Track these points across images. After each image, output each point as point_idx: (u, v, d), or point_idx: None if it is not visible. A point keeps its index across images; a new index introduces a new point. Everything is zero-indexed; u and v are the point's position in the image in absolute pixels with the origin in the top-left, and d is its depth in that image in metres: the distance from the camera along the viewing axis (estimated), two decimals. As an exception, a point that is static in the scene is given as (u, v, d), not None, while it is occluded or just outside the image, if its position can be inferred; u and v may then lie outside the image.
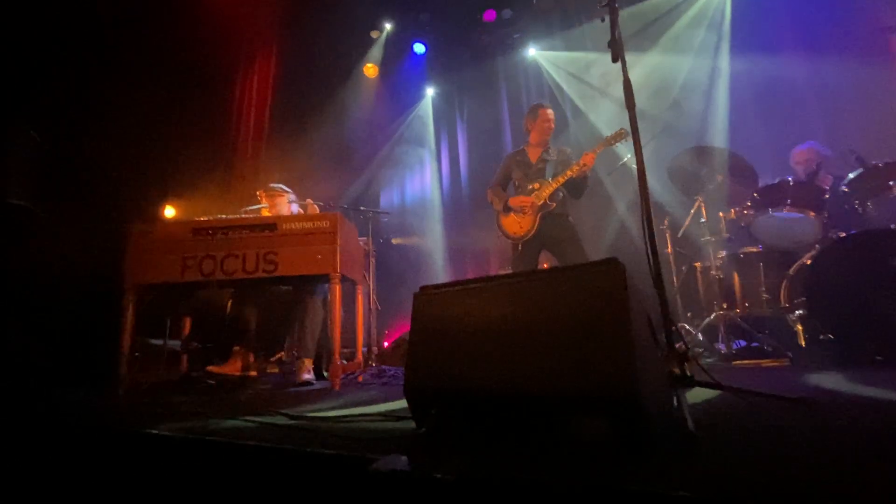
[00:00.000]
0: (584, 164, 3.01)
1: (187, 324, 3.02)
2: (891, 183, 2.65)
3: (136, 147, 3.96)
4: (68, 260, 3.07)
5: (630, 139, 3.01)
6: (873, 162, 2.76)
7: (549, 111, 3.36)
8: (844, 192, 2.85)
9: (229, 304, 3.01)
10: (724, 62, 4.80)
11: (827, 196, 2.90)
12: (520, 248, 3.16)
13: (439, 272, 6.11)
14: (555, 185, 3.09)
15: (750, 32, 4.67)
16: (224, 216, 2.81)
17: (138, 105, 4.00)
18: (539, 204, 3.10)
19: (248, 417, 1.49)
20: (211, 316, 3.15)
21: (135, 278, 2.53)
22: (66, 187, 3.49)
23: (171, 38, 4.35)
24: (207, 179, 4.63)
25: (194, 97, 4.72)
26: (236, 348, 2.81)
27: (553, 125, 3.35)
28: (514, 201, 3.20)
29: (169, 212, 4.50)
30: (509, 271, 3.27)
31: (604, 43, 1.60)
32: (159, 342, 3.18)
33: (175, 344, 3.08)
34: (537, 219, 3.10)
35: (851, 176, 2.81)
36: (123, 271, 2.54)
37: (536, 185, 3.16)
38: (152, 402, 2.06)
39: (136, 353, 2.61)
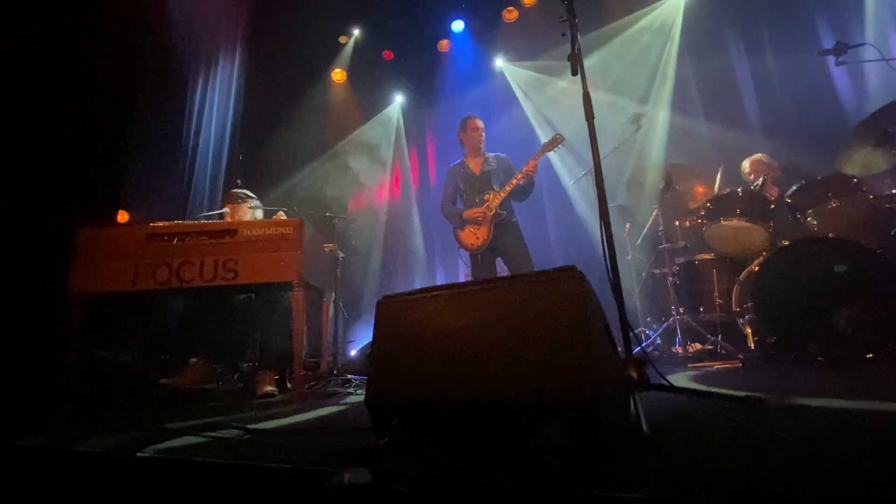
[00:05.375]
0: (528, 172, 3.21)
1: (139, 334, 2.88)
2: (829, 195, 2.85)
3: (88, 145, 3.74)
4: (9, 264, 2.87)
5: (565, 143, 3.28)
6: (813, 175, 2.97)
7: (478, 121, 3.51)
8: (788, 202, 3.04)
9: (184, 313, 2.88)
10: (670, 72, 5.06)
11: (773, 207, 3.08)
12: (479, 258, 3.29)
13: (408, 280, 6.09)
14: (503, 195, 3.26)
15: (699, 52, 4.94)
16: (181, 221, 2.70)
17: (94, 102, 3.79)
18: (491, 214, 3.25)
19: (203, 432, 1.43)
20: (165, 326, 3.01)
21: (82, 286, 2.39)
22: (8, 184, 3.26)
23: (132, 36, 4.16)
24: (165, 183, 4.44)
25: (155, 98, 4.52)
26: (193, 359, 2.70)
27: (482, 134, 3.48)
28: (468, 214, 3.32)
29: (122, 217, 4.28)
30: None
31: (565, 59, 1.65)
32: (109, 353, 3.01)
33: (126, 357, 2.92)
34: (492, 227, 3.25)
35: (794, 188, 3.00)
36: (70, 278, 2.40)
37: (487, 196, 3.30)
38: (99, 418, 1.95)
39: (84, 366, 2.45)
